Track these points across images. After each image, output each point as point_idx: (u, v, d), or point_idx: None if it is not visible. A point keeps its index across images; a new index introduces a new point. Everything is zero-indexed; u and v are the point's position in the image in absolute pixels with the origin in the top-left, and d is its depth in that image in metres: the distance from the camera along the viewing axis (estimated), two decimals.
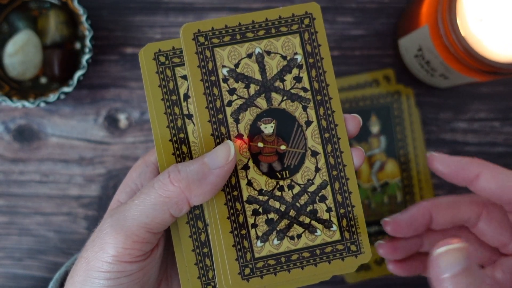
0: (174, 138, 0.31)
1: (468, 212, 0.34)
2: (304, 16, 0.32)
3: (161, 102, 0.31)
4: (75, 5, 0.46)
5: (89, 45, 0.46)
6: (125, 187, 0.33)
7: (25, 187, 0.50)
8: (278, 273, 0.30)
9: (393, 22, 0.52)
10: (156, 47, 0.32)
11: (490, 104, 0.52)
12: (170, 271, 0.34)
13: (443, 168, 0.32)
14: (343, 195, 0.31)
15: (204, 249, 0.31)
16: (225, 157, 0.29)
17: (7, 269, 0.50)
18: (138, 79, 0.51)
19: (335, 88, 0.32)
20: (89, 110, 0.51)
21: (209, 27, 0.31)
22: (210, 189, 0.29)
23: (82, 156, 0.51)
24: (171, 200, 0.28)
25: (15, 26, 0.49)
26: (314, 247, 0.31)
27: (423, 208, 0.34)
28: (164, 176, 0.29)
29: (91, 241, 0.30)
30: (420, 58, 0.47)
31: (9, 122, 0.51)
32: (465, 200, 0.34)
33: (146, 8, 0.51)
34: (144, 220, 0.28)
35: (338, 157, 0.31)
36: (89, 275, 0.29)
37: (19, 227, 0.50)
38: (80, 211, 0.51)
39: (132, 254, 0.28)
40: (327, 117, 0.31)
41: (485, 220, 0.34)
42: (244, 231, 0.30)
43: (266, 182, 0.31)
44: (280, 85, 0.31)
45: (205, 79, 0.31)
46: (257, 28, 0.31)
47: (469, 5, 0.40)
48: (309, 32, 0.32)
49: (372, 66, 0.51)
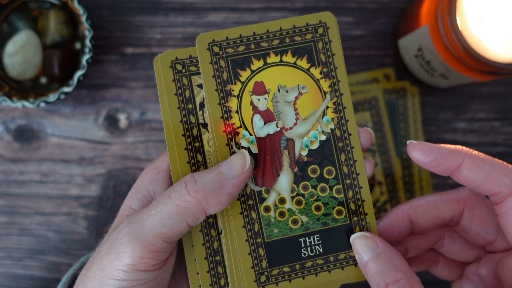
0: (189, 147, 0.32)
1: (449, 211, 0.32)
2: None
3: (177, 111, 0.31)
4: (75, 5, 0.46)
5: (89, 45, 0.46)
6: (136, 193, 0.33)
7: (25, 187, 0.50)
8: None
9: (393, 22, 0.52)
10: (173, 55, 0.32)
11: (490, 104, 0.52)
12: (178, 275, 0.34)
13: (423, 157, 0.30)
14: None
15: (217, 257, 0.31)
16: (241, 167, 0.29)
17: (7, 269, 0.50)
18: (138, 79, 0.51)
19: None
20: (89, 110, 0.51)
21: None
22: (226, 199, 0.29)
23: (82, 156, 0.51)
24: (188, 210, 0.29)
25: (15, 26, 0.49)
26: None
27: (402, 212, 0.32)
28: (181, 187, 0.29)
29: (105, 248, 0.30)
30: (420, 58, 0.47)
31: (9, 122, 0.51)
32: (444, 199, 0.32)
33: (146, 8, 0.51)
34: (161, 230, 0.29)
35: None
36: (103, 282, 0.29)
37: (19, 227, 0.50)
38: (80, 211, 0.51)
39: (148, 263, 0.29)
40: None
41: (467, 218, 0.32)
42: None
43: None
44: None
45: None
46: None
47: (469, 5, 0.40)
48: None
49: (372, 66, 0.51)
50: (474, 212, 0.32)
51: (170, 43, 0.51)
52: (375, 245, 0.29)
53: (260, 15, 0.51)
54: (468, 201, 0.32)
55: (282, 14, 0.51)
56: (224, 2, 0.51)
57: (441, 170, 0.30)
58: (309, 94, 0.32)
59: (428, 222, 0.32)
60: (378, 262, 0.29)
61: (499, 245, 0.32)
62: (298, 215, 0.31)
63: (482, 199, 0.33)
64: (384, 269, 0.28)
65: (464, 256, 0.34)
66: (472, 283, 0.34)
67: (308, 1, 0.51)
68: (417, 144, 0.30)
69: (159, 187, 0.33)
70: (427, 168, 0.30)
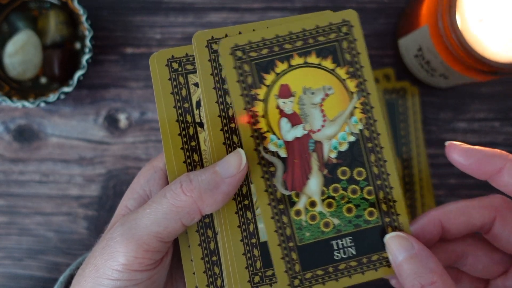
0: (185, 146, 0.31)
1: (481, 218, 0.31)
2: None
3: (173, 110, 0.31)
4: (75, 5, 0.46)
5: (89, 45, 0.46)
6: (133, 193, 0.33)
7: (25, 187, 0.50)
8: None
9: (393, 22, 0.52)
10: (169, 54, 0.31)
11: (490, 104, 0.52)
12: (175, 275, 0.34)
13: (463, 160, 0.30)
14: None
15: (213, 257, 0.31)
16: (236, 166, 0.29)
17: (7, 269, 0.50)
18: (138, 79, 0.51)
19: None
20: (89, 110, 0.51)
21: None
22: (222, 198, 0.29)
23: (82, 156, 0.51)
24: (183, 209, 0.28)
25: (15, 26, 0.49)
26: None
27: (433, 217, 0.31)
28: (176, 186, 0.29)
29: (100, 248, 0.29)
30: (420, 58, 0.47)
31: (9, 122, 0.51)
32: (476, 205, 0.32)
33: (146, 8, 0.51)
34: (156, 229, 0.28)
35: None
36: (97, 282, 0.29)
37: (19, 227, 0.50)
38: (80, 211, 0.51)
39: (143, 263, 0.28)
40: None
41: (499, 225, 0.31)
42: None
43: None
44: None
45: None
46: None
47: (469, 5, 0.40)
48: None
49: (372, 66, 0.51)
50: (506, 219, 0.31)
51: (170, 43, 0.51)
52: (410, 245, 0.29)
53: (260, 15, 0.51)
54: (501, 208, 0.32)
55: (282, 14, 0.51)
56: (224, 2, 0.51)
57: (481, 173, 0.30)
58: (336, 95, 0.31)
59: (460, 228, 0.31)
60: (413, 263, 0.28)
61: None
62: (329, 217, 0.31)
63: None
64: (419, 270, 0.28)
65: (489, 273, 0.33)
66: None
67: (308, 1, 0.51)
68: (458, 146, 0.30)
69: (156, 187, 0.33)
70: (466, 170, 0.30)
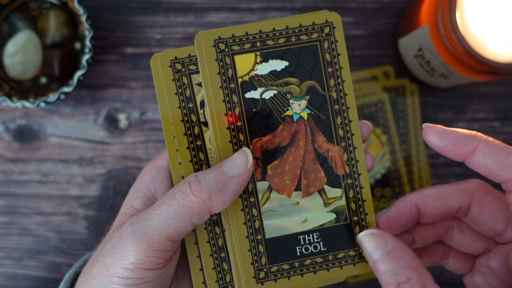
0: (191, 145, 0.32)
1: (457, 202, 0.32)
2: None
3: (178, 110, 0.32)
4: (75, 5, 0.46)
5: (89, 45, 0.46)
6: (138, 192, 0.33)
7: (25, 187, 0.50)
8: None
9: (393, 22, 0.52)
10: (172, 55, 0.32)
11: (490, 104, 0.52)
12: (180, 272, 0.35)
13: (438, 141, 0.30)
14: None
15: (222, 253, 0.32)
16: (243, 165, 0.30)
17: (7, 269, 0.50)
18: (138, 79, 0.51)
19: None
20: (89, 110, 0.51)
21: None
22: (230, 197, 0.30)
23: (82, 156, 0.51)
24: (193, 210, 0.29)
25: (15, 26, 0.49)
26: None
27: (409, 201, 0.32)
28: (185, 187, 0.29)
29: (109, 247, 0.30)
30: (420, 58, 0.47)
31: (9, 122, 0.51)
32: (452, 189, 0.32)
33: (146, 8, 0.51)
34: (167, 229, 0.29)
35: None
36: (108, 280, 0.29)
37: (19, 227, 0.50)
38: (80, 211, 0.51)
39: (154, 262, 0.29)
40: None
41: (476, 209, 0.32)
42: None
43: None
44: None
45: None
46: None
47: (469, 5, 0.40)
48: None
49: (372, 66, 0.51)
50: (483, 202, 0.32)
51: (170, 43, 0.51)
52: (384, 242, 0.29)
53: (260, 15, 0.51)
54: (477, 192, 0.32)
55: (282, 14, 0.51)
56: (224, 2, 0.51)
57: (455, 154, 0.30)
58: None
59: (436, 212, 0.32)
60: (388, 261, 0.29)
61: (509, 236, 0.32)
62: None
63: (491, 190, 0.32)
64: (395, 267, 0.28)
65: (474, 248, 0.34)
66: (483, 276, 0.34)
67: (308, 1, 0.51)
68: (433, 127, 0.30)
69: (160, 186, 0.33)
70: (441, 152, 0.30)
